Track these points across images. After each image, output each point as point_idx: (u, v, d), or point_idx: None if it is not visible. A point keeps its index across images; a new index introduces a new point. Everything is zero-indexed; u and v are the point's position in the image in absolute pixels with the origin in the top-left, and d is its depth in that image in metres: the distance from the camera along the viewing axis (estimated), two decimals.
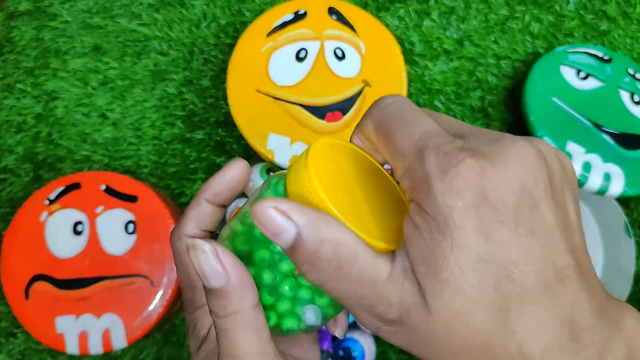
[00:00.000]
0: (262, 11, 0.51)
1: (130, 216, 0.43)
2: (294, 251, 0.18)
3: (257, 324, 0.21)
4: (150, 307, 0.42)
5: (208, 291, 0.21)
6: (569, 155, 0.44)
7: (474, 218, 0.17)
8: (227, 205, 0.26)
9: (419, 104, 0.50)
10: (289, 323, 0.22)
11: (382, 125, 0.20)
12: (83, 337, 0.41)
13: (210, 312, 0.21)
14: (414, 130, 0.19)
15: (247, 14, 0.52)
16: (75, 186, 0.44)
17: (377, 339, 0.43)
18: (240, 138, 0.49)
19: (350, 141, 0.22)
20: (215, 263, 0.20)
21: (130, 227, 0.43)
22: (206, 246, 0.20)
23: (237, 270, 0.21)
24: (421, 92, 0.51)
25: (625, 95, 0.49)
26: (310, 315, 0.22)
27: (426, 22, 0.52)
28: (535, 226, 0.17)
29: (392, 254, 0.19)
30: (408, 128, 0.19)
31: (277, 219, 0.18)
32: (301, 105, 0.45)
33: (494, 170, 0.17)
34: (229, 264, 0.20)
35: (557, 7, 0.53)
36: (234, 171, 0.24)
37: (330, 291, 0.19)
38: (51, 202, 0.44)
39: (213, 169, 0.49)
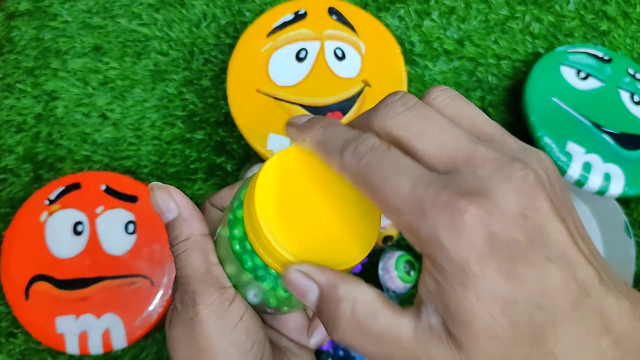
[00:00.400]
0: (262, 11, 0.51)
1: (130, 216, 0.43)
2: (320, 312, 0.20)
3: (204, 248, 0.24)
4: (150, 307, 0.42)
5: (166, 227, 0.24)
6: (569, 156, 0.44)
7: (491, 263, 0.17)
8: None
9: None
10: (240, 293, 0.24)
11: (360, 179, 0.19)
12: (83, 337, 0.41)
13: (170, 247, 0.24)
14: (400, 181, 0.18)
15: (247, 14, 0.52)
16: (76, 186, 0.44)
17: None
18: (240, 138, 0.49)
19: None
20: (167, 199, 0.24)
21: (131, 227, 0.43)
22: (161, 186, 0.24)
23: (185, 205, 0.24)
24: (421, 92, 0.51)
25: (625, 96, 0.49)
26: (251, 295, 0.23)
27: (426, 22, 0.52)
28: (550, 251, 0.17)
29: (416, 310, 0.19)
30: (393, 181, 0.18)
31: (301, 280, 0.20)
32: (301, 105, 0.45)
33: (498, 211, 0.17)
34: (179, 199, 0.24)
35: (557, 7, 0.53)
36: None
37: (359, 351, 0.19)
38: (51, 202, 0.44)
39: (213, 169, 0.49)
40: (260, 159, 0.46)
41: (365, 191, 0.19)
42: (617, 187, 0.44)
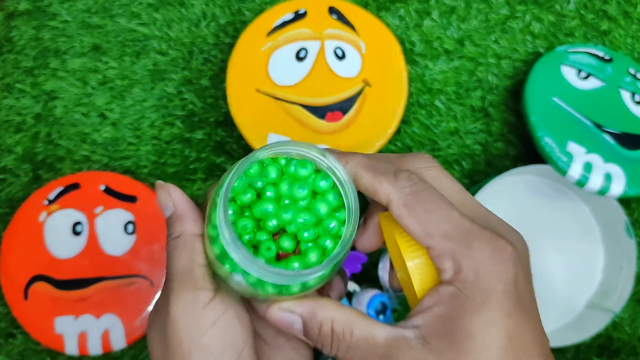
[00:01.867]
0: (262, 10, 0.51)
1: (129, 216, 0.43)
2: (307, 336, 0.23)
3: (192, 248, 0.24)
4: (150, 308, 0.42)
5: (166, 223, 0.25)
6: (570, 156, 0.44)
7: (507, 301, 0.20)
8: None
9: (419, 104, 0.50)
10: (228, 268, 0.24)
11: (412, 201, 0.22)
12: (82, 338, 0.41)
13: (166, 237, 0.25)
14: (451, 211, 0.22)
15: (246, 13, 0.52)
16: (75, 186, 0.44)
17: None
18: (240, 138, 0.49)
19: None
20: (166, 197, 0.25)
21: (130, 227, 0.43)
22: (163, 184, 0.25)
23: (181, 203, 0.25)
24: (421, 92, 0.50)
25: (626, 95, 0.48)
26: (236, 278, 0.23)
27: (427, 22, 0.52)
28: (533, 309, 0.22)
29: (394, 325, 0.22)
30: (445, 208, 0.22)
31: (285, 316, 0.23)
32: (301, 105, 0.45)
33: (525, 259, 0.22)
34: (176, 198, 0.25)
35: (558, 7, 0.53)
36: None
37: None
38: (50, 202, 0.44)
39: (213, 169, 0.49)
40: None
41: (412, 214, 0.22)
42: (618, 187, 0.43)
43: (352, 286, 0.42)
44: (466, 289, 0.21)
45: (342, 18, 0.48)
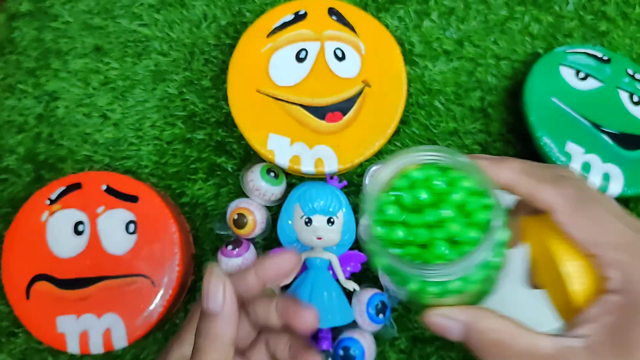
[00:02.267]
0: (262, 12, 0.52)
1: (131, 216, 0.43)
2: (467, 342, 0.24)
3: (227, 354, 0.24)
4: (151, 307, 0.42)
5: (203, 311, 0.24)
6: (569, 156, 0.44)
7: None
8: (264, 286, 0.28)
9: (418, 105, 0.50)
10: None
11: (577, 211, 0.22)
12: (84, 337, 0.41)
13: (197, 330, 0.25)
14: (615, 223, 0.22)
15: (247, 14, 0.52)
16: (76, 186, 0.44)
17: (377, 338, 0.43)
18: (240, 138, 0.49)
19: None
20: (218, 289, 0.24)
21: (131, 227, 0.43)
22: (220, 275, 0.24)
23: (232, 306, 0.24)
24: (421, 93, 0.51)
25: (624, 96, 0.49)
26: (388, 284, 0.25)
27: (426, 23, 0.52)
28: None
29: (553, 335, 0.23)
30: (613, 217, 0.22)
31: (444, 322, 0.24)
32: (301, 105, 0.46)
33: None
34: (229, 298, 0.24)
35: (557, 8, 0.54)
36: (286, 262, 0.27)
37: None
38: (52, 202, 0.44)
39: (214, 169, 0.49)
40: (261, 159, 0.47)
41: (577, 222, 0.22)
42: (616, 187, 0.44)
43: (352, 285, 0.43)
44: (636, 300, 0.21)
45: (341, 19, 0.48)
